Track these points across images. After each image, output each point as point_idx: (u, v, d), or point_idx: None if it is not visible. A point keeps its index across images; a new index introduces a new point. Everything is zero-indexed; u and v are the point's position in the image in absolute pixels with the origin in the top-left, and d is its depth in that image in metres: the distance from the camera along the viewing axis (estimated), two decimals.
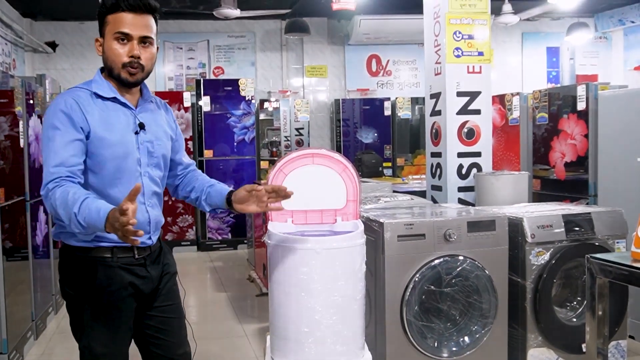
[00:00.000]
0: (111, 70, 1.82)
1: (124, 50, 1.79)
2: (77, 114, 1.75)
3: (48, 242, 4.42)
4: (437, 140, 4.02)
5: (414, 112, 7.70)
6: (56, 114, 1.75)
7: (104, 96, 1.82)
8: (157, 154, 1.91)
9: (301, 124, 7.54)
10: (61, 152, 1.71)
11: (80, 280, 1.83)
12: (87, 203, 1.60)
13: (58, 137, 1.72)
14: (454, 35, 3.86)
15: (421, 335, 2.74)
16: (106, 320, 1.84)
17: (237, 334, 4.04)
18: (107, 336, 1.85)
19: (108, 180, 1.80)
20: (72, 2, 6.64)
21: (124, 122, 1.83)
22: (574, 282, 3.10)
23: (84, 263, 1.82)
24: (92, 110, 1.79)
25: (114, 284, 1.83)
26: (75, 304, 1.86)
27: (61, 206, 1.62)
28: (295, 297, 2.18)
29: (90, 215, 1.58)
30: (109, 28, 1.80)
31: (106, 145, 1.78)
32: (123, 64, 1.79)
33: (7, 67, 6.32)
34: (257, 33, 7.95)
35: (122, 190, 1.78)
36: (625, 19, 7.89)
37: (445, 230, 2.77)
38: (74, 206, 1.59)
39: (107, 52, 1.81)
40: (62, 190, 1.64)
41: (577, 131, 4.12)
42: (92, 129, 1.76)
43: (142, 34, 1.80)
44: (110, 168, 1.79)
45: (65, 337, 4.12)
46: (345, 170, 2.36)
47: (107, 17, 1.80)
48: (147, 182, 1.88)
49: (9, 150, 3.59)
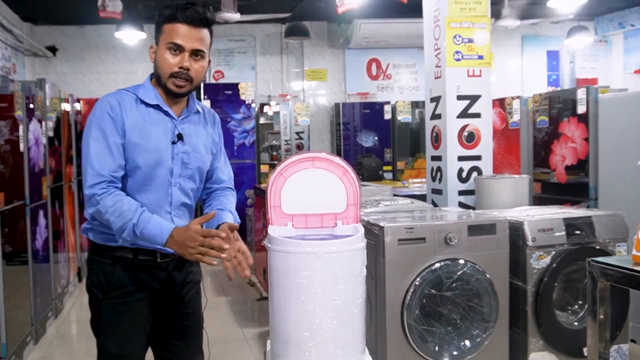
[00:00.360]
0: (159, 78, 1.85)
1: (175, 60, 1.81)
2: (118, 116, 1.79)
3: (48, 247, 4.41)
4: (437, 143, 4.02)
5: (414, 115, 7.70)
6: (102, 115, 1.79)
7: (147, 102, 1.85)
8: (192, 166, 1.91)
9: (301, 127, 7.54)
10: (107, 156, 1.76)
11: (100, 278, 1.86)
12: (145, 216, 1.73)
13: (102, 139, 1.77)
14: (454, 38, 3.86)
15: (422, 340, 2.73)
16: (121, 320, 1.85)
17: (238, 338, 4.03)
18: (122, 336, 1.87)
19: (137, 186, 1.83)
20: (72, 7, 6.65)
21: (162, 131, 1.85)
22: (575, 286, 3.09)
23: (105, 261, 1.86)
24: (133, 115, 1.82)
25: (132, 285, 1.86)
26: (95, 301, 1.89)
27: (114, 214, 1.72)
28: (296, 301, 2.17)
29: (150, 229, 1.71)
30: (164, 37, 1.82)
31: (139, 152, 1.80)
32: (171, 74, 1.81)
33: (7, 71, 6.32)
34: (257, 37, 7.96)
35: (149, 197, 1.83)
36: (625, 22, 7.89)
37: (446, 234, 2.76)
38: (133, 217, 1.71)
39: (158, 61, 1.84)
40: (115, 199, 1.73)
41: (577, 134, 4.12)
42: (128, 134, 1.79)
43: (195, 47, 1.82)
44: (140, 174, 1.82)
45: (65, 342, 4.11)
46: (346, 174, 2.36)
47: (163, 26, 1.83)
48: (176, 192, 1.89)
49: (8, 155, 3.59)
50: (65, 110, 5.33)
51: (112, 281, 1.85)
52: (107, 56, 7.51)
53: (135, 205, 1.74)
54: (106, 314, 1.86)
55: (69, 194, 5.32)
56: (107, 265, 1.85)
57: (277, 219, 2.44)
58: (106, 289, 1.85)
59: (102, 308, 1.86)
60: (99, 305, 1.87)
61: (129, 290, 1.85)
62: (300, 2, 6.77)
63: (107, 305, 1.86)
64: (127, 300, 1.85)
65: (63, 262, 4.95)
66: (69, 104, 5.50)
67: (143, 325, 1.90)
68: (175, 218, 1.90)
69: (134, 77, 7.51)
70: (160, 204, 1.86)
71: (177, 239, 1.71)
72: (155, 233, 1.72)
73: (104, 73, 7.52)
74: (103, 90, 7.42)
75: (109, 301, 1.85)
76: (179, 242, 1.70)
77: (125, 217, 1.72)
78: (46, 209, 4.38)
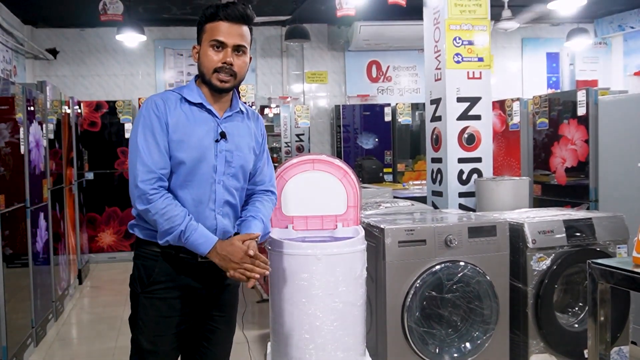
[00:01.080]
0: (203, 76, 1.89)
1: (218, 57, 1.86)
2: (163, 114, 1.83)
3: (48, 249, 4.42)
4: (437, 145, 4.02)
5: (414, 117, 7.70)
6: (150, 115, 1.83)
7: (191, 101, 1.89)
8: (236, 164, 1.93)
9: (301, 130, 7.55)
10: (155, 155, 1.80)
11: (141, 272, 1.89)
12: (193, 224, 1.79)
13: (151, 136, 1.81)
14: (454, 41, 3.87)
15: (422, 342, 2.73)
16: (156, 315, 1.87)
17: (238, 340, 4.01)
18: (155, 332, 1.88)
19: (180, 182, 1.85)
20: (72, 10, 6.66)
21: (205, 129, 1.88)
22: (576, 288, 3.09)
23: (148, 255, 1.88)
24: (176, 113, 1.85)
25: (171, 281, 1.88)
26: (133, 295, 1.92)
27: (164, 216, 1.77)
28: (296, 303, 2.17)
29: (196, 238, 1.78)
30: (206, 36, 1.88)
31: (182, 148, 1.83)
32: (215, 69, 1.86)
33: (7, 74, 6.33)
34: (258, 39, 7.96)
35: (191, 193, 1.85)
36: (625, 25, 7.90)
37: (446, 236, 2.76)
38: (182, 223, 1.78)
39: (202, 58, 1.89)
40: (165, 202, 1.78)
41: (577, 136, 4.12)
42: (171, 131, 1.83)
43: (237, 43, 1.87)
44: (184, 170, 1.84)
45: (66, 344, 4.10)
46: (346, 176, 2.36)
47: (205, 25, 1.89)
48: (220, 190, 1.90)
49: (9, 157, 3.59)
50: (66, 113, 5.34)
51: (151, 275, 1.87)
52: (108, 59, 7.51)
53: (184, 212, 1.79)
54: (143, 308, 1.88)
55: (69, 196, 5.32)
56: (149, 259, 1.88)
57: (278, 221, 2.44)
58: (145, 283, 1.88)
59: (139, 302, 1.89)
60: (137, 300, 1.89)
61: (167, 286, 1.87)
62: (301, 5, 6.78)
63: (144, 299, 1.88)
64: (164, 296, 1.87)
65: (63, 265, 4.94)
66: (69, 107, 5.51)
67: (177, 323, 1.90)
68: (219, 216, 1.90)
69: (135, 80, 7.52)
70: (204, 200, 1.87)
71: (220, 252, 1.78)
72: (200, 242, 1.78)
73: (105, 76, 7.52)
74: (103, 92, 7.44)
75: (147, 296, 1.87)
76: (222, 255, 1.78)
77: (174, 221, 1.77)
78: (47, 211, 4.38)
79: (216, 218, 1.89)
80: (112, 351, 3.83)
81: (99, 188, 6.47)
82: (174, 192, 1.85)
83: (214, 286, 1.95)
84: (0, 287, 3.32)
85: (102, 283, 5.82)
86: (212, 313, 1.98)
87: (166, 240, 1.80)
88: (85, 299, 5.36)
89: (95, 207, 6.61)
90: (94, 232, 6.66)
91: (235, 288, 2.05)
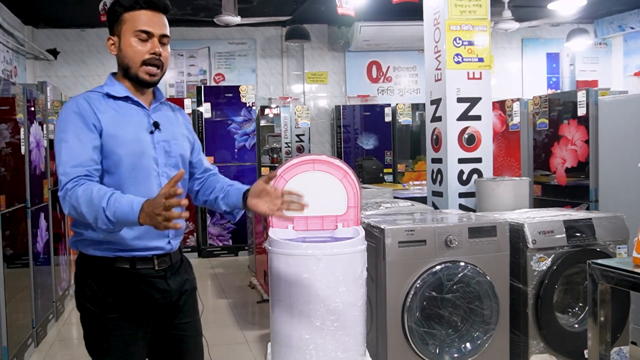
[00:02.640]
0: (128, 69, 1.80)
1: (145, 48, 1.77)
2: (89, 113, 1.72)
3: (49, 249, 4.42)
4: (437, 146, 4.02)
5: (414, 118, 7.70)
6: (69, 115, 1.72)
7: (116, 96, 1.79)
8: (175, 153, 1.85)
9: (302, 130, 7.55)
10: (77, 153, 1.68)
11: (97, 292, 1.76)
12: (115, 197, 1.57)
13: (73, 138, 1.69)
14: (454, 41, 3.87)
15: (423, 342, 2.73)
16: (122, 334, 1.76)
17: (238, 340, 4.03)
18: (123, 352, 1.78)
19: (124, 180, 1.74)
20: (73, 10, 6.66)
21: (137, 121, 1.79)
22: (576, 288, 3.10)
23: (101, 274, 1.76)
24: (104, 109, 1.75)
25: (133, 297, 1.77)
26: (91, 317, 1.78)
27: (84, 204, 1.59)
28: (297, 304, 2.17)
29: (121, 209, 1.55)
30: (127, 26, 1.77)
31: (120, 144, 1.73)
32: (143, 62, 1.77)
33: (8, 74, 6.33)
34: (258, 40, 7.97)
35: (140, 189, 1.73)
36: (625, 25, 7.90)
37: (446, 236, 2.77)
38: (102, 201, 1.56)
39: (126, 50, 1.78)
40: (83, 188, 1.61)
41: (577, 137, 4.12)
42: (105, 127, 1.72)
43: (162, 32, 1.79)
44: (126, 167, 1.74)
45: (66, 345, 4.11)
46: (346, 176, 2.37)
47: (123, 15, 1.78)
48: (165, 182, 1.78)
49: (10, 158, 3.59)
50: None
51: (110, 294, 1.74)
52: (108, 59, 7.51)
53: (105, 190, 1.60)
54: (105, 330, 1.76)
55: None
56: (103, 278, 1.75)
57: (278, 222, 2.44)
58: (104, 303, 1.75)
59: (100, 324, 1.76)
60: (97, 322, 1.76)
61: (129, 302, 1.76)
62: (301, 5, 6.78)
63: (106, 321, 1.75)
64: (128, 313, 1.76)
65: (64, 265, 4.95)
66: None
67: (144, 339, 1.82)
68: None
69: None
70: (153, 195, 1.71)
71: (147, 211, 1.54)
72: (127, 211, 1.55)
73: (105, 76, 7.49)
74: None
75: (109, 316, 1.75)
76: (149, 213, 1.53)
77: (96, 203, 1.57)
78: (47, 211, 4.38)
79: None
80: None
81: None
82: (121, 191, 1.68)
83: (173, 294, 1.85)
84: (0, 287, 3.32)
85: None
86: (176, 322, 1.89)
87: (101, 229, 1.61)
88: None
89: None
90: None
91: (192, 292, 1.96)
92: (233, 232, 6.94)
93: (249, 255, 6.33)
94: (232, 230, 6.94)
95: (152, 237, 1.77)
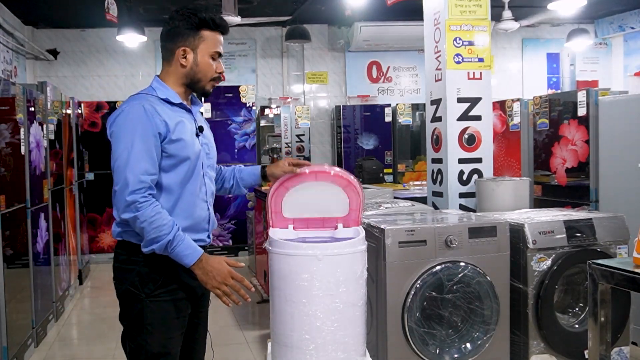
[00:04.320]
0: (197, 82, 1.96)
1: (214, 67, 1.97)
2: (155, 119, 1.84)
3: (49, 250, 4.42)
4: (437, 146, 4.02)
5: (414, 118, 7.70)
6: (136, 118, 1.83)
7: (172, 102, 1.92)
8: (212, 155, 2.06)
9: (302, 130, 7.55)
10: (145, 159, 1.81)
11: (143, 277, 1.87)
12: (180, 235, 1.81)
13: (141, 143, 1.81)
14: (454, 41, 3.87)
15: (423, 342, 2.73)
16: (166, 318, 1.89)
17: (238, 340, 4.03)
18: (165, 335, 1.89)
19: (180, 180, 1.90)
20: (73, 10, 6.66)
21: (190, 126, 1.94)
22: (576, 288, 3.09)
23: (149, 262, 1.86)
24: (167, 115, 1.88)
25: (176, 282, 1.90)
26: (136, 302, 1.88)
27: (151, 225, 1.77)
28: (296, 304, 2.17)
29: (181, 249, 1.80)
30: (206, 45, 1.94)
31: (183, 147, 1.88)
32: (212, 78, 1.97)
33: (8, 74, 6.33)
34: (258, 40, 7.96)
35: (190, 189, 1.92)
36: (625, 25, 7.90)
37: (447, 237, 2.76)
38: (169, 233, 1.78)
39: (202, 66, 1.94)
40: (154, 209, 1.79)
41: (577, 137, 4.12)
42: (171, 131, 1.86)
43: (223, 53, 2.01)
44: (184, 168, 1.89)
45: (66, 345, 4.11)
46: (349, 185, 2.35)
47: (203, 32, 1.94)
48: (208, 182, 2.01)
49: (9, 158, 3.59)
50: (66, 114, 5.34)
51: (157, 279, 1.87)
52: (108, 59, 7.52)
53: (172, 221, 1.81)
54: (151, 313, 1.87)
55: (69, 196, 5.33)
56: (149, 264, 1.87)
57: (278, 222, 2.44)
58: (150, 287, 1.87)
59: (145, 307, 1.87)
60: (142, 305, 1.87)
61: (172, 287, 1.89)
62: (301, 5, 6.78)
63: (150, 303, 1.87)
64: (171, 298, 1.89)
65: (64, 265, 4.95)
66: (69, 107, 5.51)
67: (183, 324, 1.94)
68: (210, 206, 2.01)
69: (135, 80, 7.51)
70: (198, 194, 1.95)
71: (204, 265, 1.81)
72: (186, 253, 1.80)
73: (105, 76, 7.52)
74: (104, 93, 7.44)
75: (154, 299, 1.87)
76: (206, 269, 1.81)
77: (162, 231, 1.78)
78: (47, 211, 4.38)
79: (208, 209, 2.00)
80: (113, 352, 3.83)
81: (100, 188, 6.46)
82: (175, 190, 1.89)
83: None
84: (0, 288, 3.32)
85: (102, 284, 5.82)
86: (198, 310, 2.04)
87: (151, 249, 1.80)
88: (86, 299, 5.36)
89: (96, 208, 6.61)
90: (94, 233, 6.66)
91: None
92: (233, 232, 6.94)
93: (249, 255, 6.34)
94: (232, 230, 6.94)
95: (197, 230, 1.95)
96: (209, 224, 2.01)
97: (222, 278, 1.81)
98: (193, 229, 1.93)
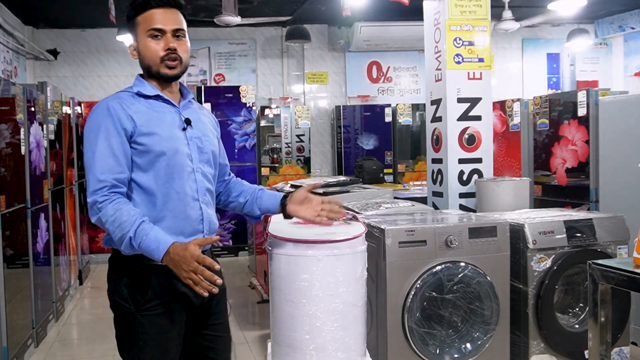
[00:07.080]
0: (150, 69, 1.82)
1: (160, 45, 1.79)
2: (120, 114, 1.74)
3: (49, 250, 4.42)
4: (438, 146, 4.02)
5: (414, 118, 7.70)
6: (99, 118, 1.74)
7: (147, 94, 1.82)
8: (207, 149, 1.89)
9: (302, 130, 7.55)
10: (107, 158, 1.70)
11: (133, 290, 1.77)
12: (144, 228, 1.65)
13: (103, 142, 1.71)
14: (454, 41, 3.87)
15: (423, 342, 2.73)
16: (157, 332, 1.77)
17: (238, 340, 4.03)
18: (159, 350, 1.78)
19: (161, 177, 1.76)
20: (73, 10, 6.67)
21: (170, 119, 1.81)
22: (576, 289, 3.09)
23: (137, 272, 1.76)
24: (137, 108, 1.77)
25: (167, 294, 1.77)
26: (126, 315, 1.78)
27: (113, 224, 1.66)
28: (296, 304, 2.17)
29: (147, 244, 1.64)
30: (141, 28, 1.80)
31: (156, 141, 1.75)
32: (161, 58, 1.79)
33: (8, 74, 6.33)
34: (258, 40, 7.97)
35: (174, 186, 1.77)
36: (625, 25, 7.90)
37: (447, 237, 2.76)
38: (130, 229, 1.64)
39: (144, 51, 1.81)
40: (114, 207, 1.66)
41: (577, 137, 4.12)
42: (139, 126, 1.74)
43: (175, 27, 1.80)
44: (161, 164, 1.76)
45: (66, 345, 4.11)
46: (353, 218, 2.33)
47: (136, 18, 1.81)
48: (200, 178, 1.84)
49: (10, 158, 3.59)
50: (67, 114, 5.34)
51: (146, 292, 1.75)
52: (108, 59, 7.52)
53: (134, 217, 1.66)
54: (141, 328, 1.75)
55: (70, 196, 5.33)
56: (139, 275, 1.76)
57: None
58: (140, 300, 1.75)
59: (135, 322, 1.76)
60: (132, 320, 1.76)
61: (164, 300, 1.76)
62: (301, 6, 6.78)
63: (141, 318, 1.75)
64: (163, 311, 1.76)
65: (64, 265, 4.95)
66: (70, 107, 5.51)
67: (179, 337, 1.82)
68: (203, 205, 1.85)
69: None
70: (188, 192, 1.80)
71: (172, 257, 1.62)
72: (152, 248, 1.64)
73: (105, 76, 7.53)
74: (104, 93, 7.43)
75: (144, 313, 1.75)
76: (175, 260, 1.62)
77: (124, 228, 1.65)
78: (47, 211, 4.38)
79: (201, 208, 1.84)
80: (113, 352, 3.82)
81: None
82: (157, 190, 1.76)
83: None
84: (0, 288, 3.32)
85: (102, 284, 5.80)
86: (209, 322, 1.91)
87: (123, 251, 1.69)
88: (86, 299, 5.36)
89: None
90: (94, 233, 6.66)
91: (224, 291, 1.97)
92: (233, 232, 6.94)
93: (249, 256, 6.33)
94: (232, 230, 6.94)
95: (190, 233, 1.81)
96: (204, 224, 1.84)
97: (187, 267, 1.60)
98: (184, 231, 1.79)
